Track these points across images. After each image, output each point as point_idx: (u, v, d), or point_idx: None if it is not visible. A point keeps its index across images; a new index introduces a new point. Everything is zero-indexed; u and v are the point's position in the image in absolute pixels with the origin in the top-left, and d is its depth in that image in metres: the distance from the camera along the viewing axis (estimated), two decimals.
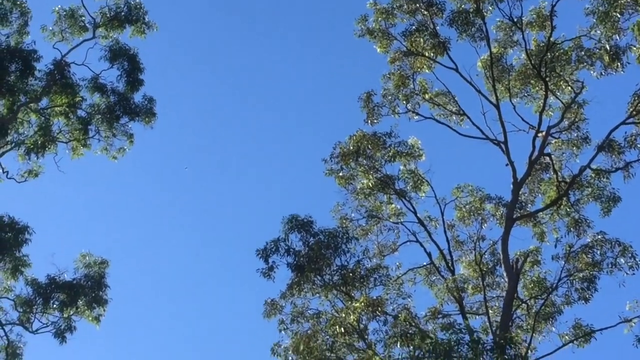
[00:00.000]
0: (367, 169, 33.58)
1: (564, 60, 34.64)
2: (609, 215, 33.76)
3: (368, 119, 35.19)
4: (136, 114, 39.48)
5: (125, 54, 39.31)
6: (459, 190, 35.12)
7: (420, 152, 34.30)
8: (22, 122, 38.40)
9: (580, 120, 35.15)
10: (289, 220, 30.56)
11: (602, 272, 30.37)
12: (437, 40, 34.65)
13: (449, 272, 33.02)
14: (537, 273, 33.32)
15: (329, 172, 33.92)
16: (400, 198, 33.84)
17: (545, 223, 35.05)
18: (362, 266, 30.52)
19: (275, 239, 30.31)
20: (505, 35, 35.59)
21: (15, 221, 35.64)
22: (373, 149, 33.44)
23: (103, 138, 39.82)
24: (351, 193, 34.11)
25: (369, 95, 35.37)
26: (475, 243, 34.51)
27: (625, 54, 32.90)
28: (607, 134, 33.00)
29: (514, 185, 32.84)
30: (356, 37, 35.90)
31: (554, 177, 34.87)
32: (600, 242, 30.43)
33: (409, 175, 33.97)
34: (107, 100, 39.33)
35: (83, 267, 37.52)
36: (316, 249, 29.88)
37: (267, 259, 30.17)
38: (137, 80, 39.37)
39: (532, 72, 34.97)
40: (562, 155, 35.41)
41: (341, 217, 34.12)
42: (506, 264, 31.01)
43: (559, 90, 35.41)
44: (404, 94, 35.67)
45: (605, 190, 33.66)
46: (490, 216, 34.82)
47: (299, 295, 30.44)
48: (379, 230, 34.39)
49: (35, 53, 37.45)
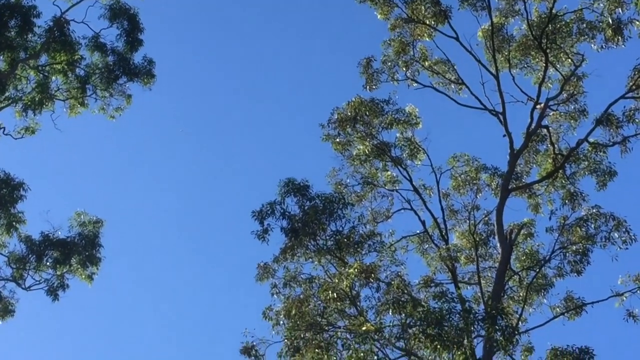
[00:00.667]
0: (364, 135, 33.47)
1: (565, 32, 34.52)
2: (604, 189, 33.65)
3: (367, 84, 35.05)
4: (135, 74, 39.46)
5: (126, 14, 39.27)
6: (455, 159, 35.03)
7: (417, 120, 34.19)
8: (21, 79, 38.40)
9: (579, 93, 35.05)
10: (285, 183, 30.58)
11: (595, 246, 30.46)
12: (439, 8, 34.41)
13: (443, 241, 33.02)
14: (530, 245, 33.35)
15: (326, 138, 33.82)
16: (396, 165, 33.77)
17: (540, 195, 35.00)
18: (357, 232, 30.54)
19: (271, 202, 30.37)
20: (507, 4, 35.41)
21: (11, 177, 35.72)
22: (370, 115, 33.32)
23: (100, 97, 39.82)
24: (347, 159, 34.00)
25: (368, 61, 35.21)
26: (469, 213, 34.48)
27: (627, 27, 32.82)
28: (606, 108, 32.90)
29: (510, 157, 32.81)
30: (357, 3, 35.71)
31: (551, 150, 34.82)
32: (594, 215, 30.48)
33: (405, 143, 33.88)
34: (106, 59, 39.25)
35: (77, 226, 37.66)
36: (311, 213, 29.88)
37: (262, 221, 30.24)
38: (136, 40, 39.35)
39: (532, 43, 34.83)
40: (559, 127, 35.36)
41: (336, 183, 34.04)
42: (500, 234, 31.06)
43: (559, 62, 35.29)
44: (404, 61, 35.51)
45: (602, 164, 33.59)
46: (485, 186, 34.75)
47: (292, 260, 30.44)
48: (374, 196, 34.34)
49: (34, 9, 37.43)
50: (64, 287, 36.87)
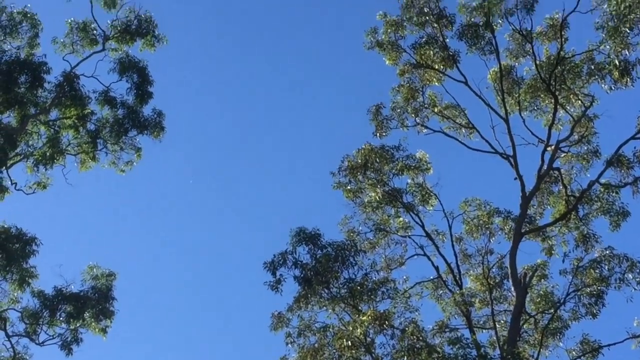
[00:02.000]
0: (374, 182, 33.51)
1: (575, 73, 34.56)
2: (618, 230, 33.61)
3: (377, 131, 35.22)
4: (145, 127, 39.51)
5: (135, 67, 39.39)
6: (466, 204, 34.99)
7: (428, 166, 34.26)
8: (32, 134, 38.54)
9: (590, 134, 35.03)
10: (297, 232, 30.42)
11: (610, 288, 30.22)
12: (447, 53, 34.61)
13: (457, 285, 32.88)
14: (544, 287, 33.13)
15: (337, 185, 33.89)
16: (408, 211, 33.77)
17: (553, 237, 34.90)
18: (370, 279, 30.38)
19: (283, 252, 30.16)
20: (516, 45, 35.48)
21: (23, 232, 35.68)
22: (381, 162, 33.38)
23: (111, 151, 39.88)
24: (359, 206, 34.05)
25: (378, 108, 35.39)
26: (483, 257, 34.35)
27: (634, 68, 32.81)
28: (617, 149, 32.90)
29: (522, 199, 32.73)
30: (365, 49, 35.90)
31: (563, 191, 34.74)
32: (608, 257, 30.29)
33: (416, 189, 33.95)
34: (116, 113, 39.39)
35: (90, 279, 37.52)
36: (324, 261, 29.73)
37: (274, 272, 30.02)
38: (146, 93, 39.42)
39: (541, 85, 34.89)
40: (571, 169, 35.32)
41: (349, 230, 34.05)
42: (514, 278, 30.92)
43: (569, 104, 35.32)
44: (413, 107, 35.67)
45: (614, 204, 33.54)
46: (498, 230, 34.68)
47: (306, 309, 30.29)
48: (387, 243, 34.33)
49: (45, 65, 37.57)
50: (77, 341, 36.65)
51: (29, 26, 38.41)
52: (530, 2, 33.39)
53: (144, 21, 40.00)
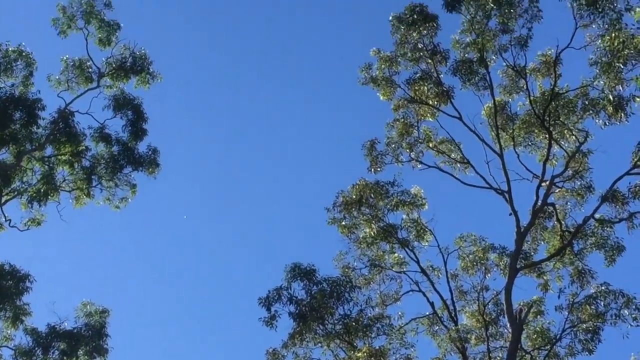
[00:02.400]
0: (369, 217, 33.57)
1: (569, 108, 34.57)
2: (613, 265, 33.50)
3: (371, 167, 35.16)
4: (140, 164, 39.49)
5: (130, 104, 39.45)
6: (462, 239, 35.02)
7: (423, 201, 34.31)
8: (26, 170, 38.42)
9: (584, 169, 35.02)
10: (292, 268, 30.48)
11: (606, 324, 30.17)
12: (441, 88, 34.62)
13: (452, 322, 32.85)
14: (540, 323, 33.06)
15: (332, 221, 33.94)
16: (403, 247, 33.81)
17: (548, 272, 34.81)
18: (365, 315, 30.41)
19: (278, 288, 30.22)
20: (510, 81, 35.52)
21: (17, 269, 35.52)
22: (376, 197, 33.44)
23: (106, 188, 39.79)
24: (354, 242, 34.11)
25: (372, 143, 35.37)
26: (478, 293, 34.33)
27: (628, 104, 32.79)
28: (611, 185, 32.83)
29: (517, 235, 32.63)
30: (360, 85, 35.93)
31: (558, 227, 34.66)
32: (604, 293, 30.27)
33: (411, 225, 33.98)
34: (111, 149, 39.36)
35: (84, 316, 37.34)
36: (319, 297, 29.73)
37: (269, 308, 30.02)
38: (141, 130, 39.43)
39: (536, 121, 34.88)
40: (565, 204, 35.25)
41: (344, 266, 34.06)
42: (510, 314, 30.78)
43: (563, 139, 35.31)
44: (408, 142, 35.65)
45: (609, 239, 33.49)
46: (494, 266, 34.65)
47: (300, 345, 30.29)
48: (382, 279, 34.33)
49: (39, 102, 37.62)
50: None
51: (24, 64, 38.39)
52: (524, 38, 33.39)
53: (138, 58, 40.08)
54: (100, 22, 39.60)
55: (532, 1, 32.95)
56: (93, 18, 39.50)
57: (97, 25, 39.61)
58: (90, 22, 39.56)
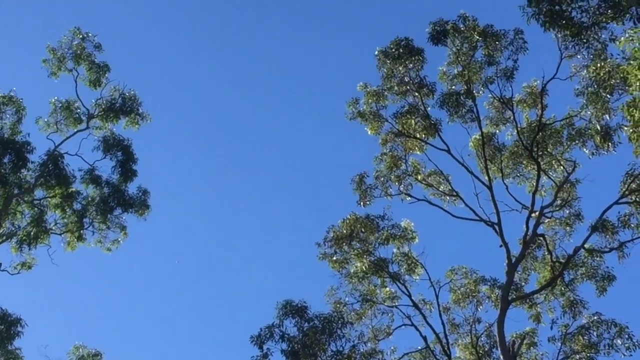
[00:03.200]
0: (360, 252, 33.53)
1: (556, 139, 34.63)
2: (604, 294, 33.45)
3: (361, 200, 35.11)
4: (130, 205, 39.51)
5: (119, 145, 39.51)
6: (453, 272, 35.00)
7: (413, 235, 34.31)
8: (16, 213, 38.35)
9: (573, 199, 35.03)
10: (283, 305, 30.45)
11: (599, 354, 30.13)
12: (429, 121, 34.62)
13: (445, 355, 32.69)
14: (533, 355, 33.00)
15: (323, 256, 33.90)
16: (395, 281, 33.73)
17: (540, 304, 34.74)
18: (357, 351, 30.32)
19: (270, 325, 30.17)
20: (497, 112, 35.55)
21: (8, 313, 35.31)
22: (366, 232, 33.42)
23: (97, 230, 39.72)
24: (345, 277, 34.08)
25: (361, 177, 35.34)
26: (471, 326, 34.26)
27: (616, 133, 32.86)
28: (601, 214, 32.73)
29: (508, 267, 32.56)
30: (347, 120, 35.98)
31: (548, 257, 34.61)
32: (596, 323, 30.28)
33: (402, 258, 33.93)
34: (101, 191, 39.33)
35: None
36: (311, 334, 29.66)
37: (261, 346, 29.93)
38: (130, 171, 39.47)
39: (523, 152, 34.93)
40: (555, 234, 35.23)
41: (335, 301, 34.01)
42: (502, 346, 30.63)
43: (552, 170, 35.36)
44: (396, 175, 35.63)
45: (600, 269, 33.45)
46: (485, 298, 34.60)
47: None
48: (374, 314, 34.26)
49: (28, 144, 37.65)
50: None
51: (13, 110, 38.39)
52: (510, 69, 33.46)
53: (128, 99, 40.19)
54: (90, 64, 39.75)
55: (517, 33, 32.99)
56: (83, 60, 39.63)
57: (87, 67, 39.76)
58: (80, 63, 39.70)
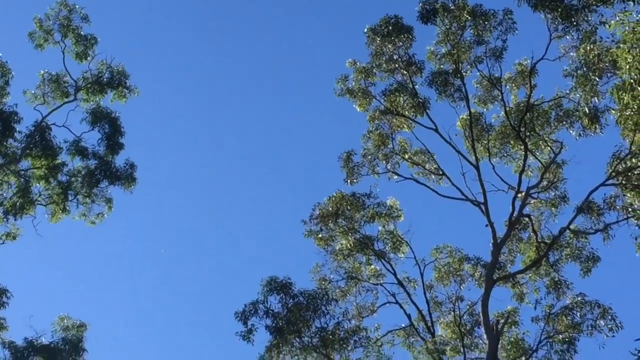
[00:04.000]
0: (346, 229, 33.57)
1: (544, 120, 34.71)
2: (588, 275, 33.67)
3: (348, 178, 35.19)
4: (116, 178, 39.25)
5: (107, 118, 39.26)
6: (438, 251, 35.07)
7: (399, 213, 34.35)
8: (1, 184, 38.19)
9: (559, 180, 35.16)
10: (268, 282, 30.39)
11: (582, 334, 30.25)
12: (417, 100, 34.63)
13: (429, 333, 32.85)
14: (515, 334, 33.09)
15: (308, 234, 33.91)
16: (380, 259, 33.82)
17: (524, 284, 34.91)
18: (342, 328, 30.34)
19: (254, 301, 30.11)
20: (485, 91, 35.58)
21: None
22: (352, 209, 33.44)
23: (82, 202, 39.56)
24: (330, 254, 34.10)
25: (348, 155, 35.39)
26: (453, 303, 34.36)
27: (603, 116, 32.99)
28: (587, 196, 32.90)
29: (493, 246, 32.67)
30: (336, 96, 35.96)
31: (534, 238, 34.75)
32: (580, 303, 30.38)
33: (388, 236, 34.01)
34: (88, 163, 39.18)
35: (61, 331, 37.00)
36: (295, 311, 29.68)
37: (245, 322, 29.91)
38: (117, 144, 39.26)
39: (511, 132, 35.00)
40: (541, 215, 35.38)
41: (320, 278, 34.07)
42: (486, 325, 30.76)
43: (538, 150, 35.47)
44: (384, 154, 35.66)
45: (585, 250, 33.63)
46: (468, 277, 34.70)
47: (277, 358, 30.15)
48: (358, 291, 34.31)
49: (15, 115, 37.40)
50: None
51: (0, 74, 38.21)
52: (499, 49, 33.52)
53: (115, 73, 39.95)
54: (77, 37, 39.49)
55: (507, 13, 33.04)
56: (70, 32, 39.39)
57: (74, 39, 39.50)
58: (67, 36, 39.46)
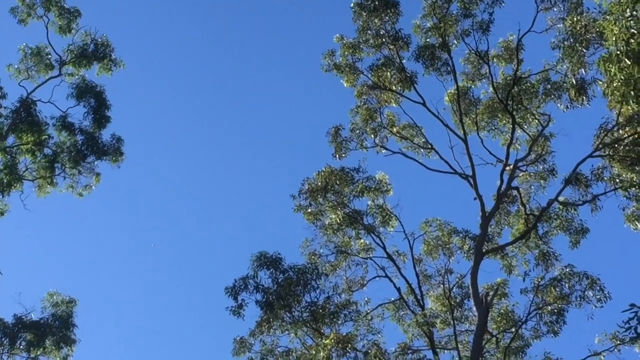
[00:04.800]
0: (335, 204, 33.55)
1: (531, 93, 34.77)
2: (577, 247, 33.88)
3: (336, 153, 35.17)
4: (104, 153, 39.24)
5: (92, 91, 39.19)
6: (427, 224, 35.13)
7: (388, 187, 34.35)
8: None
9: (547, 153, 35.28)
10: (258, 257, 30.44)
11: (570, 306, 30.38)
12: (404, 74, 34.65)
13: (419, 306, 32.96)
14: (505, 306, 33.25)
15: (298, 208, 33.87)
16: (369, 233, 33.85)
17: (513, 256, 35.09)
18: (332, 302, 30.45)
19: (244, 277, 30.17)
20: (473, 68, 35.67)
21: None
22: (341, 184, 33.41)
23: (69, 175, 39.49)
24: (320, 229, 34.08)
25: (337, 129, 35.36)
26: (443, 277, 34.50)
27: (590, 87, 33.06)
28: (574, 168, 33.12)
29: (482, 219, 32.84)
30: (323, 72, 35.90)
31: (522, 210, 34.91)
32: (568, 275, 30.45)
33: (377, 210, 34.00)
34: (74, 138, 39.05)
35: (50, 307, 37.03)
36: (285, 285, 29.74)
37: (236, 297, 30.00)
38: (103, 117, 39.22)
39: (499, 106, 35.08)
40: (529, 188, 35.54)
41: (310, 253, 34.08)
42: (476, 297, 30.93)
43: (526, 123, 35.59)
44: (372, 128, 35.69)
45: (574, 222, 33.82)
46: (457, 249, 34.82)
47: (268, 333, 30.34)
48: (348, 265, 34.36)
49: (0, 90, 37.23)
50: None
51: None
52: (486, 22, 33.55)
53: (100, 45, 39.80)
54: (60, 10, 39.32)
55: None
56: (52, 5, 39.19)
57: (56, 12, 39.32)
58: (50, 9, 39.27)
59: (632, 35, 19.59)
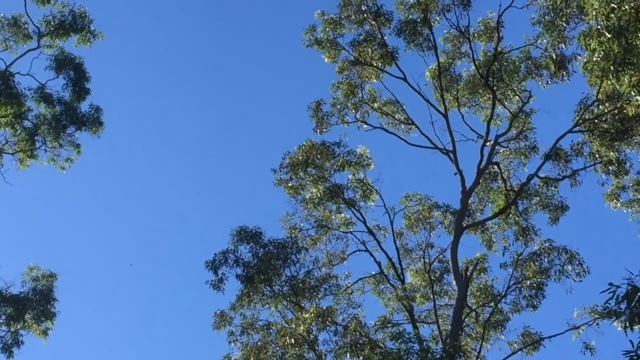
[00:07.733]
0: (316, 178, 33.52)
1: (512, 69, 34.84)
2: (557, 223, 34.06)
3: (317, 128, 35.22)
4: (83, 123, 38.98)
5: (71, 63, 38.85)
6: (407, 199, 35.23)
7: (369, 161, 34.37)
8: None
9: (527, 129, 35.44)
10: (238, 231, 30.49)
11: (549, 280, 30.63)
12: (385, 50, 34.66)
13: (399, 280, 33.07)
14: (484, 281, 33.42)
15: (278, 182, 33.86)
16: (350, 207, 33.88)
17: (493, 232, 35.26)
18: (312, 276, 30.54)
19: (224, 251, 30.22)
20: (453, 46, 35.73)
21: None
22: (322, 158, 33.41)
23: (50, 148, 39.33)
24: (300, 203, 34.12)
25: (318, 104, 35.38)
26: (423, 251, 34.64)
27: (571, 63, 33.20)
28: (554, 143, 33.33)
29: (463, 194, 32.99)
30: (304, 47, 35.82)
31: (503, 186, 35.06)
32: (547, 249, 30.66)
33: (358, 185, 34.03)
34: (53, 110, 38.85)
35: (31, 281, 36.85)
36: (265, 259, 29.80)
37: (216, 271, 30.04)
38: (83, 89, 38.91)
39: (480, 82, 35.16)
40: (510, 164, 35.69)
41: (290, 227, 34.11)
42: (456, 272, 31.11)
43: (507, 100, 35.70)
44: (353, 103, 35.72)
45: (553, 198, 33.98)
46: (438, 224, 34.95)
47: (248, 307, 30.39)
48: (328, 239, 34.45)
49: None
50: (18, 344, 36.06)
51: None
52: None
53: (78, 16, 39.39)
54: None
55: None
56: None
57: None
58: None
59: (612, 10, 19.71)
